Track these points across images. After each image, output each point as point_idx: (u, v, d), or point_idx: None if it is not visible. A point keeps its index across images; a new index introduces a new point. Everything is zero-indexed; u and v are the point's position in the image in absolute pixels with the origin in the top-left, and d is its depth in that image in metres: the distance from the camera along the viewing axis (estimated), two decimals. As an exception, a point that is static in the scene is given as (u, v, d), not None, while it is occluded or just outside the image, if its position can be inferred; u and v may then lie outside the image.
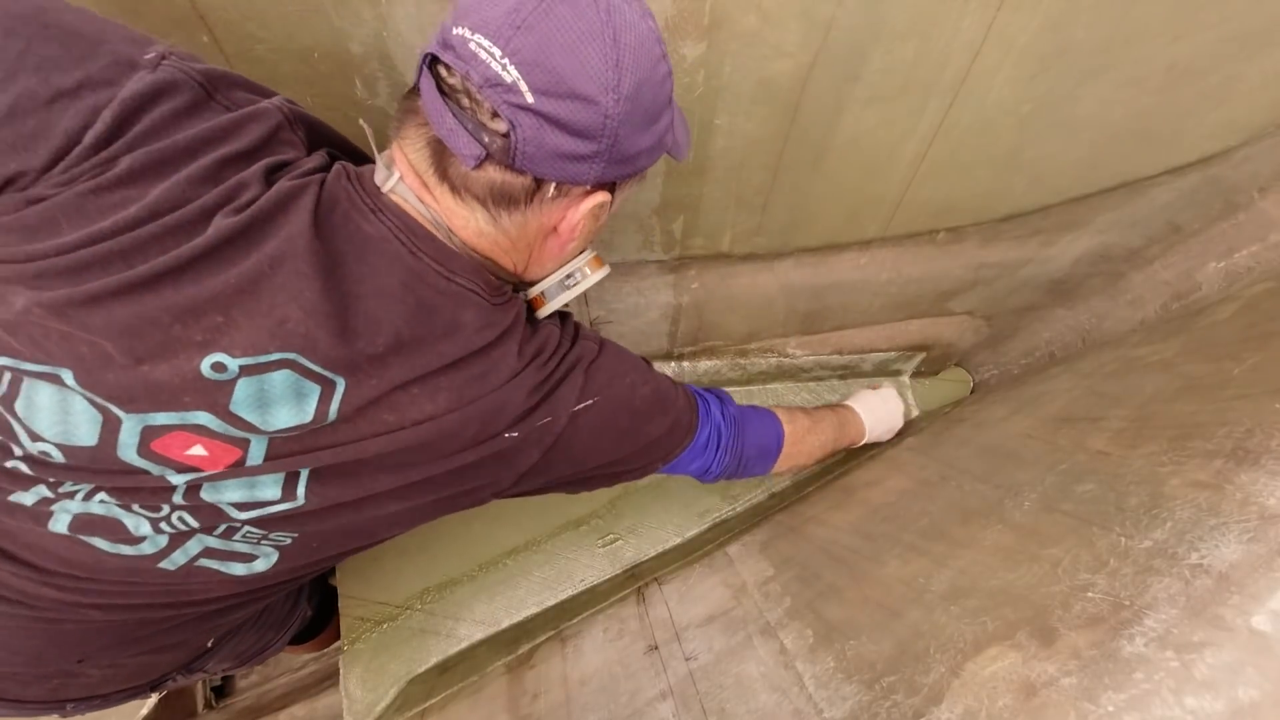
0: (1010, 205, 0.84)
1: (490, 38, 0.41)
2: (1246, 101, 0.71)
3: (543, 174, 0.46)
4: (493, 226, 0.49)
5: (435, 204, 0.49)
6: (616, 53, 0.42)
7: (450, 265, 0.49)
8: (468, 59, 0.41)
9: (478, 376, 0.52)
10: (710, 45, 0.58)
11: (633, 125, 0.45)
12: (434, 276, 0.49)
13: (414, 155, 0.48)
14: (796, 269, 0.94)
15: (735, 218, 0.82)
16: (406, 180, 0.49)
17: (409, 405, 0.50)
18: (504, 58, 0.41)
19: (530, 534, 1.03)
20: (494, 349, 0.53)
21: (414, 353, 0.49)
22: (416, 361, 0.49)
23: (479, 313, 0.51)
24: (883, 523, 0.72)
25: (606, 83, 0.42)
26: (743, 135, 0.68)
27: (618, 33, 0.42)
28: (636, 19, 0.44)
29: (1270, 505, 0.40)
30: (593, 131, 0.44)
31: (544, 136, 0.43)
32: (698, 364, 1.13)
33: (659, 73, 0.46)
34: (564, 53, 0.41)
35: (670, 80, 0.48)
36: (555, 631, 0.88)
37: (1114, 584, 0.43)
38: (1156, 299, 0.93)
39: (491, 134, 0.43)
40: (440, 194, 0.48)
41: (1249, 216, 0.82)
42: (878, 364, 1.18)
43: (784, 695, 0.56)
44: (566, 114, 0.42)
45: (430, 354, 0.49)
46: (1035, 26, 0.59)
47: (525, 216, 0.49)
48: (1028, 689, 0.40)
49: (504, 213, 0.48)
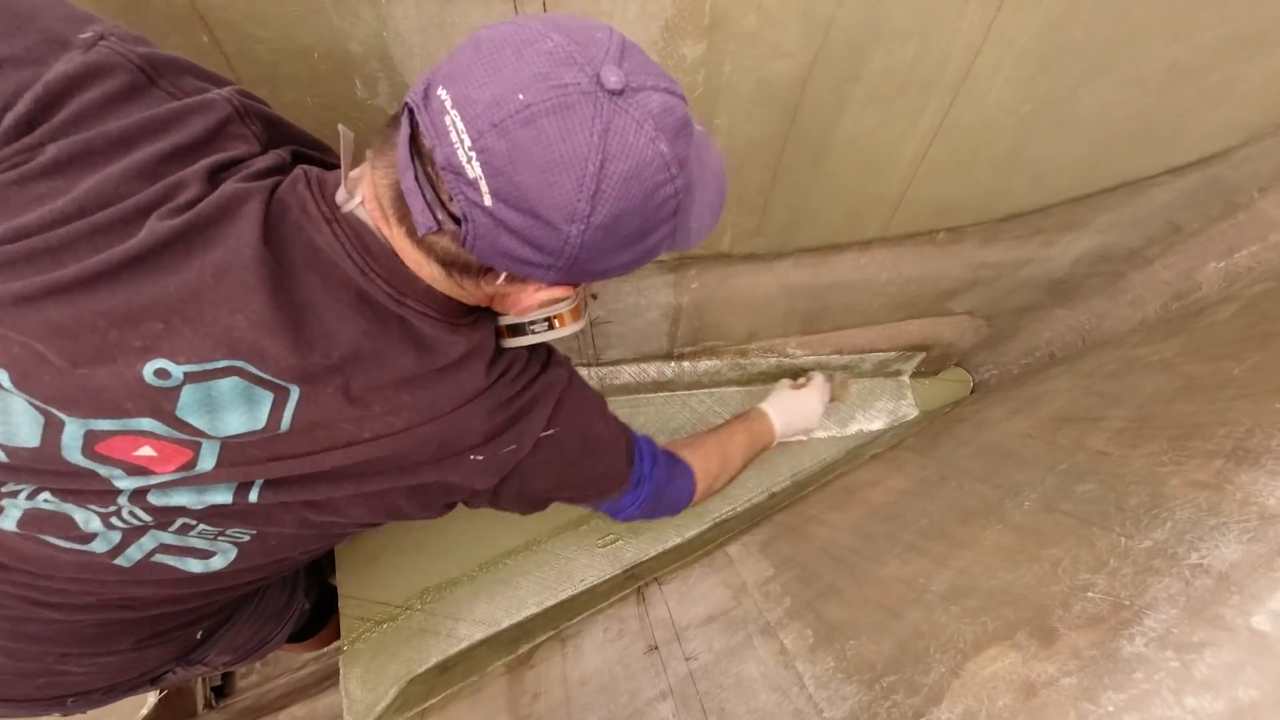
0: (1010, 205, 0.84)
1: (466, 121, 0.37)
2: (1246, 101, 0.71)
3: (494, 265, 0.44)
4: (447, 280, 0.47)
5: (391, 240, 0.46)
6: (596, 184, 0.38)
7: (403, 289, 0.47)
8: (439, 133, 0.38)
9: (441, 394, 0.50)
10: (710, 45, 0.58)
11: (602, 249, 0.42)
12: (385, 298, 0.46)
13: (381, 185, 0.44)
14: (796, 269, 0.94)
15: (735, 218, 0.82)
16: (367, 206, 0.45)
17: (368, 419, 0.48)
18: (471, 149, 0.37)
19: (530, 534, 1.03)
20: (458, 368, 0.51)
21: (374, 366, 0.47)
22: (376, 375, 0.47)
23: (441, 331, 0.50)
24: (883, 523, 0.72)
25: (575, 212, 0.39)
26: (743, 135, 0.68)
27: (607, 161, 0.38)
28: (642, 144, 0.39)
29: (1270, 505, 0.40)
30: (549, 250, 0.41)
31: (498, 238, 0.40)
32: (698, 364, 1.13)
33: (655, 199, 0.41)
34: (534, 171, 0.37)
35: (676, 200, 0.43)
36: (555, 631, 0.88)
37: (1114, 584, 0.43)
38: (1156, 299, 0.93)
39: (445, 214, 0.40)
40: (397, 234, 0.45)
41: (1249, 216, 0.82)
42: (878, 364, 1.18)
43: (784, 695, 0.56)
44: (523, 227, 0.40)
45: (392, 368, 0.48)
46: (1035, 26, 0.59)
47: (478, 284, 0.47)
48: (1028, 689, 0.40)
49: (456, 273, 0.46)
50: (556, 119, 0.37)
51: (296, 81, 0.59)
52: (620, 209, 0.40)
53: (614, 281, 0.93)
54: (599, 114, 0.38)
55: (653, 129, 0.39)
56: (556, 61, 0.37)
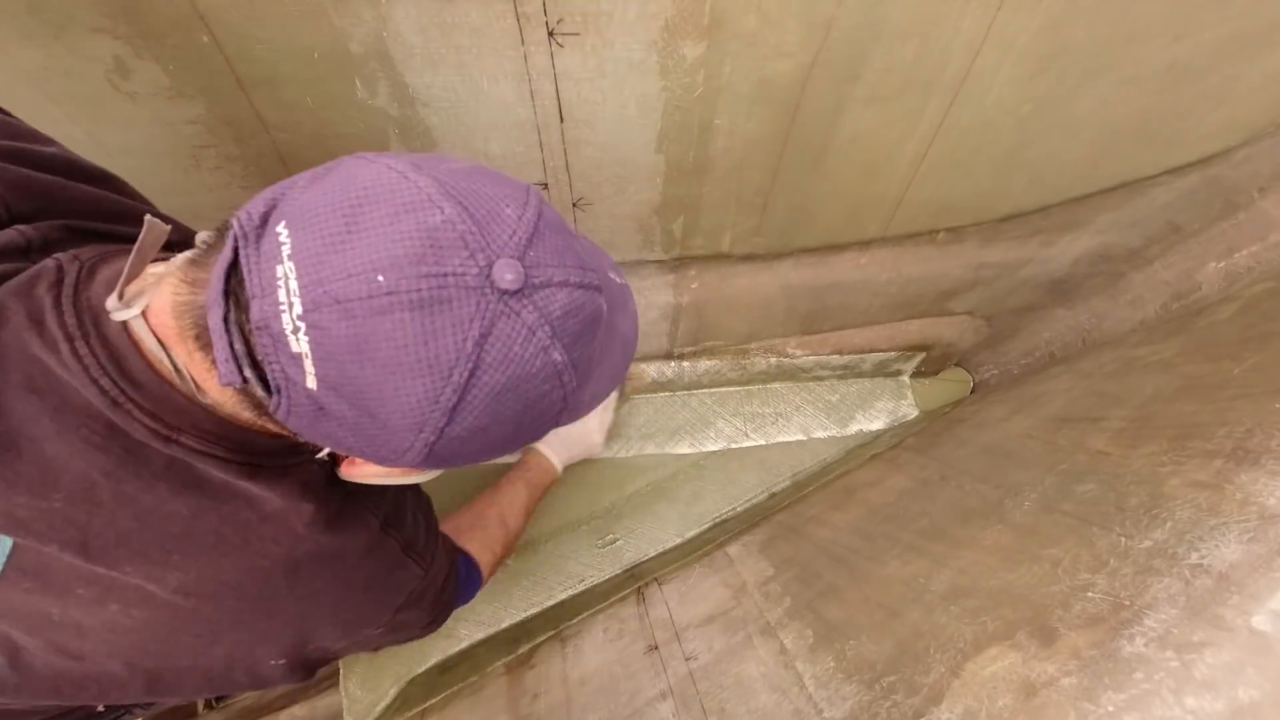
0: (1010, 205, 0.84)
1: (303, 284, 0.29)
2: (1246, 101, 0.71)
3: (315, 442, 0.36)
4: (256, 418, 0.37)
5: (185, 357, 0.36)
6: (459, 397, 0.31)
7: (175, 422, 0.37)
8: (264, 286, 0.30)
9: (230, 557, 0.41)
10: (710, 45, 0.58)
11: (456, 453, 0.35)
12: (145, 434, 0.36)
13: (181, 300, 0.34)
14: (796, 269, 0.94)
15: (735, 218, 0.82)
16: (155, 319, 0.36)
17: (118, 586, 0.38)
18: (301, 320, 0.29)
19: (530, 534, 1.03)
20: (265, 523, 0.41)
21: (126, 517, 0.37)
22: (129, 528, 0.37)
23: (234, 475, 0.39)
24: (883, 523, 0.72)
25: (424, 423, 0.31)
26: (743, 135, 0.68)
27: (479, 372, 0.31)
28: (529, 354, 0.32)
29: (1270, 505, 0.40)
30: (386, 453, 0.34)
31: (320, 422, 0.32)
32: (698, 364, 1.13)
33: (536, 409, 0.34)
34: (377, 370, 0.30)
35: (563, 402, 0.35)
36: (555, 631, 0.88)
37: (1114, 584, 0.43)
38: (1156, 299, 0.93)
39: (255, 376, 0.32)
40: (194, 352, 0.35)
41: (1249, 216, 0.82)
42: (878, 364, 1.18)
43: (784, 695, 0.56)
44: (355, 423, 0.32)
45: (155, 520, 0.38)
46: (1035, 26, 0.59)
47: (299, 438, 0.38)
48: (1028, 689, 0.40)
49: (268, 421, 0.37)
50: (422, 316, 0.29)
51: (296, 81, 0.59)
52: (485, 421, 0.33)
53: (614, 281, 0.92)
54: (480, 316, 0.30)
55: (547, 336, 0.32)
56: (441, 244, 0.29)
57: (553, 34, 0.55)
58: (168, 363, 0.36)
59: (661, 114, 0.64)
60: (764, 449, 1.15)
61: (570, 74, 0.59)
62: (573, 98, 0.61)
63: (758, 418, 1.17)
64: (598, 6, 0.54)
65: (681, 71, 0.60)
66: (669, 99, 0.63)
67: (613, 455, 1.11)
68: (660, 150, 0.69)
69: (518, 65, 0.57)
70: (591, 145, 0.67)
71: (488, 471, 0.94)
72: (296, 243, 0.29)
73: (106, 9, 0.50)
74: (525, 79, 0.59)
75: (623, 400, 1.11)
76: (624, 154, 0.69)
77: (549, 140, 0.66)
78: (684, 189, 0.76)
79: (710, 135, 0.68)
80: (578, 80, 0.59)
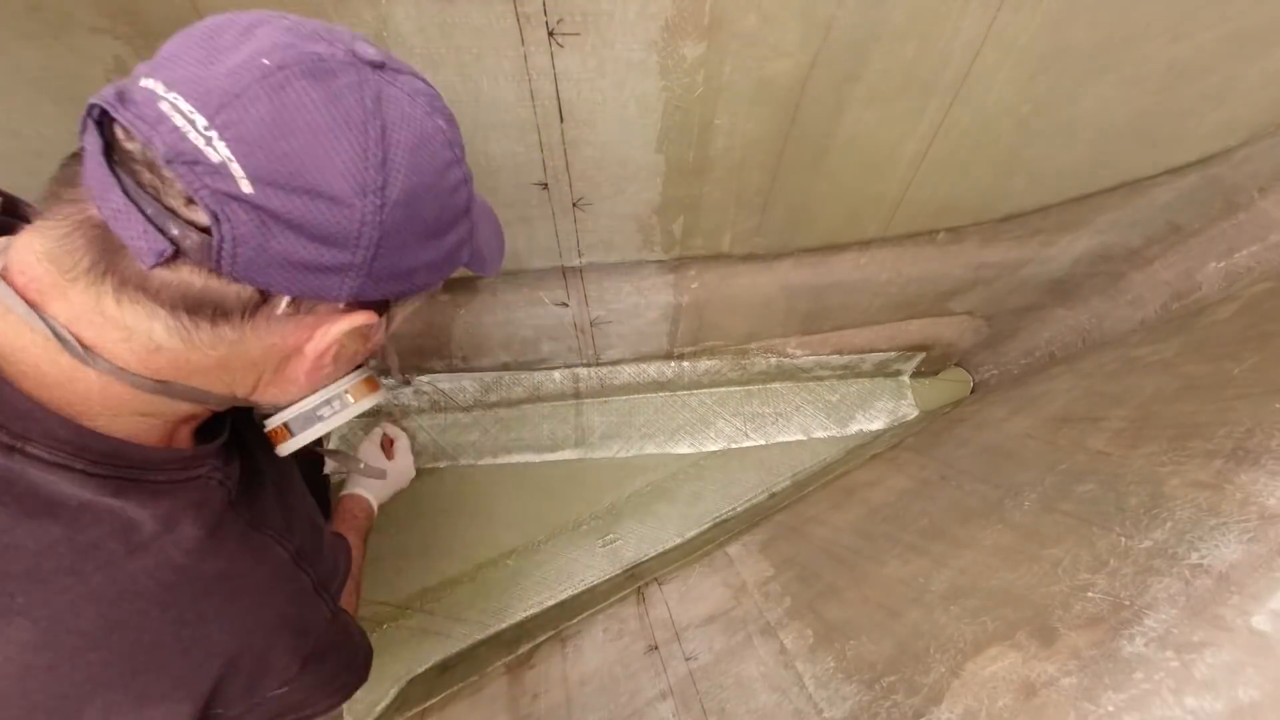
0: (1010, 205, 0.84)
1: (192, 100, 0.28)
2: (1246, 101, 0.71)
3: (269, 285, 0.33)
4: (180, 340, 0.33)
5: (64, 308, 0.32)
6: (384, 149, 0.32)
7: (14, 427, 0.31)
8: (152, 121, 0.28)
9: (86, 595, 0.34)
10: (710, 45, 0.58)
11: (404, 237, 0.35)
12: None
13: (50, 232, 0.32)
14: (796, 269, 0.94)
15: (735, 218, 0.82)
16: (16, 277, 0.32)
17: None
18: (210, 129, 0.28)
19: (529, 534, 1.03)
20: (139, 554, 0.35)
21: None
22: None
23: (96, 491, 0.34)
24: (883, 523, 0.72)
25: (365, 183, 0.32)
26: (743, 135, 0.68)
27: (388, 128, 0.32)
28: (419, 115, 0.34)
29: (1270, 505, 0.40)
30: (343, 239, 0.32)
31: (269, 239, 0.31)
32: (698, 364, 1.13)
33: (448, 181, 0.36)
34: (303, 135, 0.30)
35: (466, 188, 0.38)
36: (555, 631, 0.88)
37: (1114, 584, 0.43)
38: (1156, 299, 0.93)
39: (184, 225, 0.30)
40: (79, 293, 0.31)
41: (1249, 216, 0.82)
42: (878, 364, 1.18)
43: (784, 695, 0.56)
44: (302, 214, 0.31)
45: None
46: (1035, 26, 0.59)
47: (243, 334, 0.34)
48: (1028, 689, 0.40)
49: (203, 325, 0.33)
50: (318, 83, 0.30)
51: (296, 81, 0.59)
52: (414, 182, 0.34)
53: (614, 281, 0.92)
54: (365, 82, 0.32)
55: (426, 103, 0.35)
56: (302, 34, 0.31)
57: (553, 34, 0.55)
58: (42, 329, 0.31)
59: (661, 114, 0.64)
60: (764, 449, 1.15)
61: (570, 74, 0.59)
62: (573, 98, 0.61)
63: (758, 418, 1.17)
64: (598, 6, 0.54)
65: (681, 71, 0.60)
66: (669, 99, 0.63)
67: (612, 455, 1.11)
68: (660, 150, 0.69)
69: (518, 65, 0.57)
70: (591, 145, 0.67)
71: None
72: (168, 78, 0.29)
73: (106, 9, 0.50)
74: (525, 79, 0.59)
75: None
76: (624, 154, 0.69)
77: (549, 140, 0.66)
78: (684, 189, 0.76)
79: (710, 135, 0.68)
80: (578, 80, 0.59)
